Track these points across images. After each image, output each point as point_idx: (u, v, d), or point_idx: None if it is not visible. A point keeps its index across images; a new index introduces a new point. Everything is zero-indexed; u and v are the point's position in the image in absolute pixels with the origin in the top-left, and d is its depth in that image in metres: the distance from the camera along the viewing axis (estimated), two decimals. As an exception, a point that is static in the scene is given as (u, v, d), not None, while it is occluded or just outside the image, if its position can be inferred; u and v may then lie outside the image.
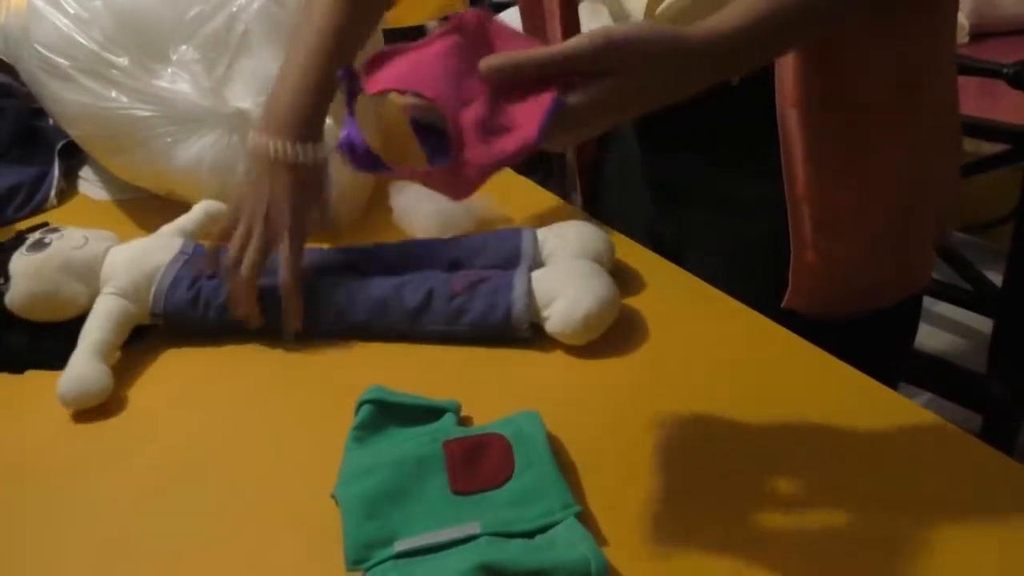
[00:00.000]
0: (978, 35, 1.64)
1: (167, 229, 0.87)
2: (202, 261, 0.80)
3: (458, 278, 0.77)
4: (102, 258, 0.80)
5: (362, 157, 0.55)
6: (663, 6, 0.75)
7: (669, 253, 0.88)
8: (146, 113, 0.93)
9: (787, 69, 0.74)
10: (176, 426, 0.71)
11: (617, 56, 0.53)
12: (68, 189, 1.09)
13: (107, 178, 1.08)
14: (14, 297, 0.77)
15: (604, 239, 0.83)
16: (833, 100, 0.75)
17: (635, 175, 0.93)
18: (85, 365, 0.73)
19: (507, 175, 0.63)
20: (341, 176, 0.88)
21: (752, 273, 0.83)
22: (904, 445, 0.63)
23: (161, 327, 0.80)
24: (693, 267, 0.85)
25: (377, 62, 0.54)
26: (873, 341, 0.78)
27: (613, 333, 0.75)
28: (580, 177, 1.02)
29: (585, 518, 0.57)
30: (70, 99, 0.95)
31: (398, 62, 0.54)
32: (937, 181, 0.84)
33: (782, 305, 0.81)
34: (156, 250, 0.82)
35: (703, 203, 0.88)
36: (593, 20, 0.84)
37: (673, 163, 0.64)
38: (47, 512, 0.63)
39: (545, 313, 0.74)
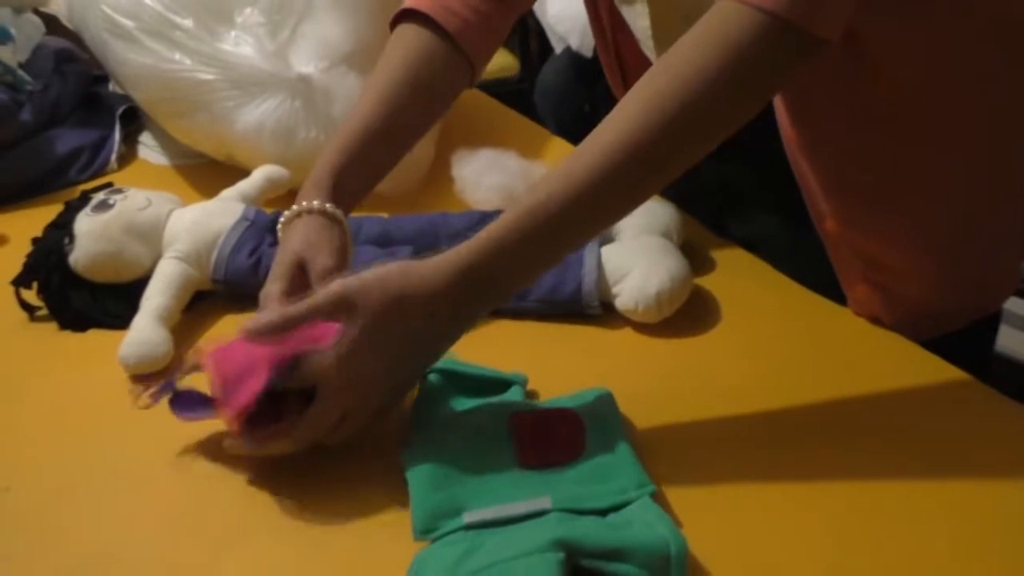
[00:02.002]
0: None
1: (228, 193, 0.86)
2: (263, 227, 0.79)
3: None
4: (165, 220, 0.80)
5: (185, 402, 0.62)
6: None
7: None
8: (209, 76, 0.92)
9: (780, 112, 0.68)
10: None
11: (352, 300, 0.56)
12: (128, 153, 1.09)
13: (166, 143, 1.08)
14: (78, 257, 0.76)
15: (673, 215, 0.80)
16: (830, 143, 0.68)
17: (696, 178, 0.90)
18: (147, 330, 0.72)
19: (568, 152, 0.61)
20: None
21: (819, 278, 0.77)
22: (989, 435, 0.62)
23: (221, 293, 0.79)
24: None
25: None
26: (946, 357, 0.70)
27: (683, 312, 0.73)
28: None
29: (658, 498, 0.55)
30: (134, 60, 0.94)
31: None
32: (1017, 192, 0.74)
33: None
34: (218, 214, 0.81)
35: (767, 208, 0.83)
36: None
37: (733, 168, 0.60)
38: (105, 468, 0.63)
39: (615, 289, 0.72)
